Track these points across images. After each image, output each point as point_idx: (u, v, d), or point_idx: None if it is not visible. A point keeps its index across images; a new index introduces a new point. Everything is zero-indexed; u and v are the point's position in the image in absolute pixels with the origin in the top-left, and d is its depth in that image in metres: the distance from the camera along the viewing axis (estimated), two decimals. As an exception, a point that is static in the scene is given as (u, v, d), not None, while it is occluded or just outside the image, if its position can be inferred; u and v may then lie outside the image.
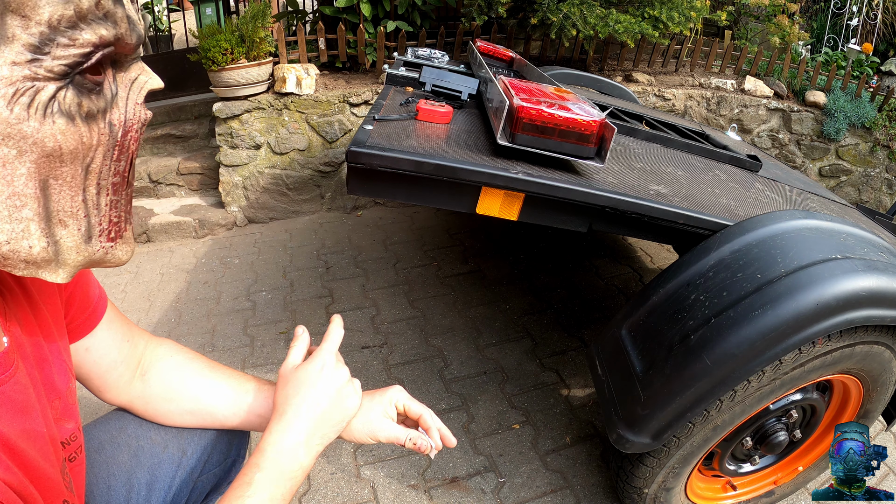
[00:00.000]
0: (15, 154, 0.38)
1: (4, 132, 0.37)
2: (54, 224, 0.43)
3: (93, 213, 0.45)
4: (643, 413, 1.09)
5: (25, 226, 0.41)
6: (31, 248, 0.42)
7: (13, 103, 0.37)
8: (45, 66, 0.37)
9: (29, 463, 0.51)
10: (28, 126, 0.38)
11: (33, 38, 0.36)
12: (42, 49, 0.37)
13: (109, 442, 0.78)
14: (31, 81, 0.37)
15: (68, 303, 0.68)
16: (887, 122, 3.83)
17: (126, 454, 0.78)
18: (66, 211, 0.43)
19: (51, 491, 0.54)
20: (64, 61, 0.38)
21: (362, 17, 3.17)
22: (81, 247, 0.45)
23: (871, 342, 1.15)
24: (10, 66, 0.36)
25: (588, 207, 1.15)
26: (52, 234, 0.43)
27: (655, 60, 3.84)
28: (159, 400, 0.80)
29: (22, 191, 0.40)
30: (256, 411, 0.80)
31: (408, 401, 0.78)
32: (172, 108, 3.63)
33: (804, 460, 1.44)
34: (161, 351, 0.82)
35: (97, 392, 0.77)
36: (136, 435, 0.80)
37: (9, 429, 0.49)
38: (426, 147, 1.14)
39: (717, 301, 1.08)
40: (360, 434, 0.75)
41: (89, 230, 0.46)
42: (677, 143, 1.83)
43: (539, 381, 1.95)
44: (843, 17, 4.61)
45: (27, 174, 0.39)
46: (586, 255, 2.82)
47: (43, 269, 0.44)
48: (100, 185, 0.45)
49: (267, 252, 2.87)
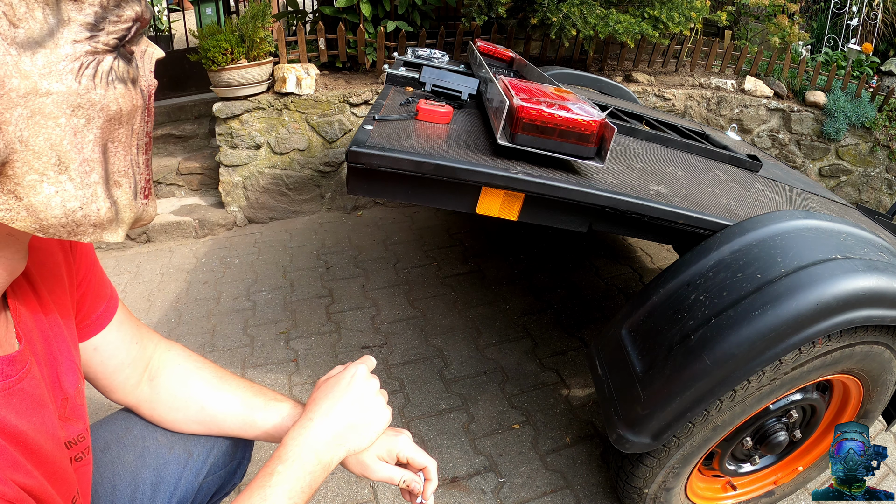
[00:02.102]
0: (84, 122, 0.42)
1: (75, 103, 0.41)
2: (112, 185, 0.47)
3: (136, 171, 0.50)
4: (643, 413, 1.09)
5: (94, 190, 0.45)
6: (99, 211, 0.45)
7: (80, 76, 0.41)
8: (102, 40, 0.42)
9: (46, 458, 0.52)
10: (96, 94, 0.42)
11: (89, 17, 0.41)
12: (98, 26, 0.41)
13: (115, 442, 0.78)
14: (92, 55, 0.42)
15: (80, 301, 0.68)
16: (887, 122, 3.83)
17: (132, 454, 0.78)
18: (121, 171, 0.47)
19: (65, 485, 0.55)
20: (115, 35, 0.43)
21: (362, 17, 3.17)
22: (133, 203, 0.49)
23: (871, 342, 1.15)
24: (73, 44, 0.40)
25: (588, 207, 1.15)
26: (111, 196, 0.47)
27: (655, 60, 3.84)
28: (166, 408, 0.80)
29: (90, 156, 0.44)
30: (263, 427, 0.80)
31: (414, 452, 0.77)
32: (172, 108, 3.63)
33: (804, 460, 1.44)
34: (170, 356, 0.82)
35: (104, 391, 0.77)
36: (142, 435, 0.80)
37: (28, 425, 0.50)
38: (426, 147, 1.14)
39: (717, 301, 1.08)
40: (354, 468, 0.75)
41: (135, 187, 0.50)
42: (677, 143, 1.83)
43: (539, 381, 1.95)
44: (843, 17, 4.61)
45: (94, 140, 0.43)
46: (586, 255, 2.82)
47: (107, 229, 0.47)
48: (138, 144, 0.50)
49: (267, 252, 2.87)
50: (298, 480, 0.65)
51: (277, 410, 0.80)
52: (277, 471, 0.65)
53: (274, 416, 0.80)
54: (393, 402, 1.82)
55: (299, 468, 0.66)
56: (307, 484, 0.66)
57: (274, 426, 0.80)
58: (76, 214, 0.44)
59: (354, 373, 0.75)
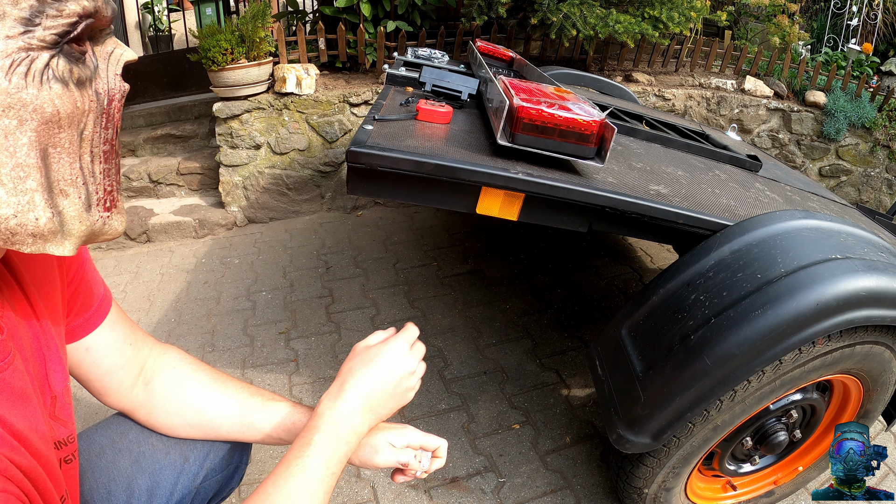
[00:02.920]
0: (16, 124, 0.40)
1: (5, 103, 0.39)
2: (56, 194, 0.44)
3: (90, 181, 0.46)
4: (643, 413, 1.09)
5: (30, 197, 0.42)
6: (37, 220, 0.42)
7: (11, 73, 0.39)
8: (38, 36, 0.39)
9: (35, 450, 0.51)
10: (27, 93, 0.39)
11: (24, 11, 0.38)
12: (33, 21, 0.39)
13: (110, 447, 0.77)
14: (25, 52, 0.39)
15: (71, 300, 0.67)
16: (887, 122, 3.83)
17: (127, 459, 0.77)
18: (67, 179, 0.44)
19: (55, 483, 0.54)
20: (54, 31, 0.40)
21: (362, 17, 3.17)
22: (83, 216, 0.46)
23: (871, 342, 1.15)
24: (5, 41, 0.38)
25: (588, 207, 1.15)
26: (55, 205, 0.44)
27: (655, 60, 3.84)
28: (162, 413, 0.79)
29: (25, 161, 0.41)
30: (262, 429, 0.80)
31: (425, 438, 0.79)
32: (172, 108, 3.63)
33: (804, 460, 1.44)
34: (166, 360, 0.81)
35: (97, 395, 0.76)
36: (138, 440, 0.79)
37: (13, 417, 0.49)
38: (426, 147, 1.14)
39: (717, 301, 1.08)
40: (362, 454, 0.75)
41: (88, 199, 0.46)
42: (677, 143, 1.83)
43: (539, 381, 1.95)
44: (843, 17, 4.61)
45: (28, 143, 0.41)
46: (586, 255, 2.82)
47: (50, 241, 0.44)
48: (93, 152, 0.46)
49: (267, 252, 2.87)
50: (336, 451, 0.65)
51: (276, 410, 0.80)
52: (314, 441, 0.65)
53: (273, 416, 0.79)
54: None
55: (335, 437, 0.66)
56: (344, 454, 0.66)
57: (273, 427, 0.79)
58: (9, 223, 0.41)
59: (396, 348, 0.74)
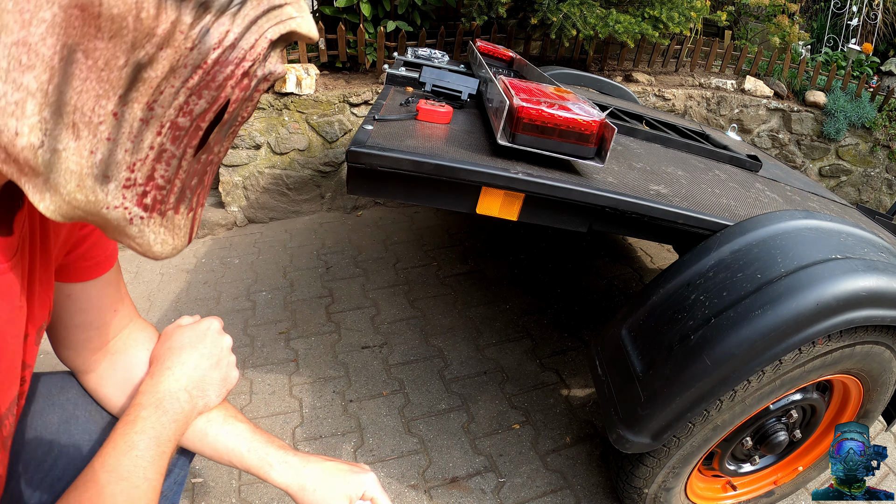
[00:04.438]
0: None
1: None
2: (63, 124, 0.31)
3: (122, 142, 0.32)
4: (643, 413, 1.09)
5: (22, 97, 0.30)
6: (15, 135, 0.30)
7: None
8: None
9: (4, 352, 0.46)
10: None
11: None
12: None
13: (45, 396, 0.71)
14: None
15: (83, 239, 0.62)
16: (887, 122, 3.83)
17: (57, 416, 0.70)
18: (85, 113, 0.31)
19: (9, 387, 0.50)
20: None
21: (362, 17, 3.17)
22: (86, 180, 0.32)
23: (871, 342, 1.15)
24: None
25: (588, 207, 1.15)
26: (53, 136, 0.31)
27: (655, 60, 3.84)
28: (114, 387, 0.72)
29: (36, 44, 0.29)
30: (213, 444, 0.72)
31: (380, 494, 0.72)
32: (172, 108, 3.63)
33: (804, 460, 1.44)
34: (142, 337, 0.75)
35: (55, 343, 0.70)
36: (75, 402, 0.72)
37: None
38: (426, 147, 1.14)
39: (717, 301, 1.08)
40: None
41: (107, 163, 0.33)
42: (677, 143, 1.83)
43: (539, 381, 1.95)
44: (843, 17, 4.61)
45: (50, 22, 0.29)
46: (586, 255, 2.82)
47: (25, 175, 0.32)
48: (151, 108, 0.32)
49: (267, 252, 2.87)
50: (165, 427, 0.62)
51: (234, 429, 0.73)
52: (142, 416, 0.61)
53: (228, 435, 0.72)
54: (393, 402, 1.82)
55: (162, 414, 0.63)
56: (173, 432, 0.63)
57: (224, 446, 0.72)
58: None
59: (209, 327, 0.72)
